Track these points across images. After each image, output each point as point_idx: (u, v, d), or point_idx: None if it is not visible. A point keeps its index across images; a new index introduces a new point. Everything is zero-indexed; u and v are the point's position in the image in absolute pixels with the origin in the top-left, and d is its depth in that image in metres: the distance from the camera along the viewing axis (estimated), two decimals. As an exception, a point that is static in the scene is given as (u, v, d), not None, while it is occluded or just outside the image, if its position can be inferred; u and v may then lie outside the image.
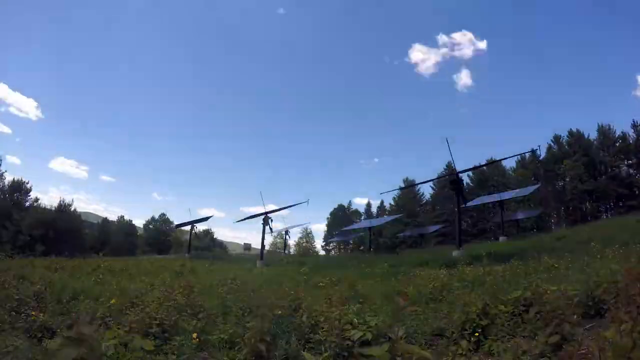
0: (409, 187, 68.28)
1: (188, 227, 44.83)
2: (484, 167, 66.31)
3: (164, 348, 4.87)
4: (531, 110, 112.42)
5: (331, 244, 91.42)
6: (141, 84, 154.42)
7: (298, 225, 56.46)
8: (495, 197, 42.04)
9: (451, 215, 63.04)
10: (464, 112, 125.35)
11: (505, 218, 43.21)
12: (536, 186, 53.87)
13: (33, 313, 5.83)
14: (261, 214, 31.16)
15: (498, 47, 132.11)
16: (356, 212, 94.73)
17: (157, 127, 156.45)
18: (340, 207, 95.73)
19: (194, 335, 5.37)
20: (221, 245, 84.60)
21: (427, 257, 24.68)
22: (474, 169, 24.74)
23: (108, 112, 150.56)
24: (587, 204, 57.37)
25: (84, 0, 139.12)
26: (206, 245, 69.89)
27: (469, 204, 51.11)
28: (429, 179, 33.13)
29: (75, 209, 54.29)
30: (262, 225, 32.30)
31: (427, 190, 76.31)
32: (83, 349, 2.89)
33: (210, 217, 44.76)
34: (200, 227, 58.54)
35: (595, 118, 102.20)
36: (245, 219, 33.72)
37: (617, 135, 56.69)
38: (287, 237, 59.14)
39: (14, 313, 5.92)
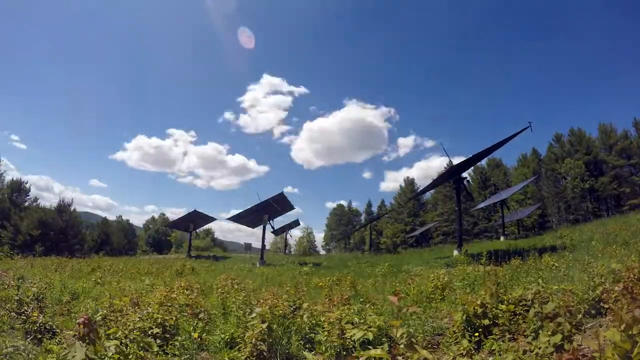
0: (419, 194, 67.83)
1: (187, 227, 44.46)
2: (485, 166, 66.64)
3: (166, 348, 4.86)
4: (532, 109, 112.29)
5: (332, 244, 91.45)
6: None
7: (295, 223, 56.08)
8: (497, 197, 41.99)
9: (453, 214, 63.15)
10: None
11: (508, 218, 43.18)
12: (534, 177, 53.91)
13: (33, 314, 5.81)
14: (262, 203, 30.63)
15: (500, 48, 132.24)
16: (356, 211, 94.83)
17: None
18: (340, 207, 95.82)
19: (196, 335, 5.37)
20: (222, 244, 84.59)
21: (427, 256, 24.71)
22: (470, 161, 24.54)
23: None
24: (589, 203, 57.30)
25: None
26: (206, 245, 69.93)
27: (478, 206, 51.24)
28: (430, 183, 32.53)
29: (74, 209, 54.22)
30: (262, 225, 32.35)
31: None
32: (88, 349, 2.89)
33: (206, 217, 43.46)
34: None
35: (596, 117, 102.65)
36: (239, 214, 33.12)
37: (618, 134, 56.67)
38: (289, 236, 59.19)
39: (13, 314, 5.90)
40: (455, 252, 21.03)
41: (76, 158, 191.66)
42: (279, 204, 31.86)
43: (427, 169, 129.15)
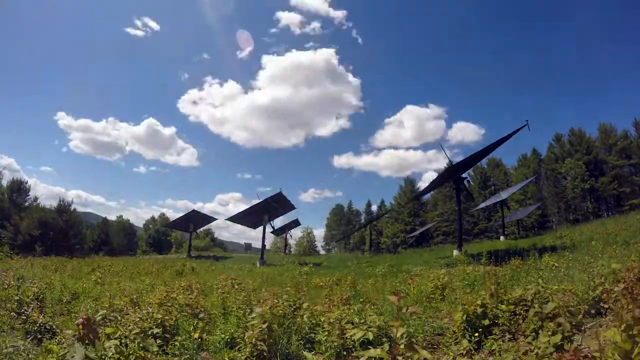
0: (419, 196, 67.65)
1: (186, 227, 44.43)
2: (485, 166, 66.64)
3: (166, 348, 4.86)
4: (531, 109, 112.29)
5: (332, 243, 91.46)
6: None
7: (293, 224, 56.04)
8: (497, 197, 42.04)
9: (453, 214, 63.13)
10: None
11: (508, 218, 43.21)
12: (534, 177, 53.95)
13: (33, 314, 5.81)
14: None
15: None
16: (356, 211, 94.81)
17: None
18: (340, 207, 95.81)
19: (196, 335, 5.37)
20: (222, 244, 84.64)
21: (427, 256, 24.71)
22: (469, 160, 24.51)
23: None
24: (589, 203, 57.29)
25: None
26: (206, 245, 69.97)
27: (479, 206, 51.19)
28: (430, 184, 32.21)
29: (75, 209, 54.27)
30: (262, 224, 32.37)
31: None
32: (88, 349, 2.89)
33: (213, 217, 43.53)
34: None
35: (596, 117, 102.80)
36: (239, 214, 33.03)
37: (618, 134, 56.66)
38: (289, 236, 59.18)
39: (13, 314, 5.90)
40: (455, 252, 21.04)
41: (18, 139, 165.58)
42: (278, 204, 31.85)
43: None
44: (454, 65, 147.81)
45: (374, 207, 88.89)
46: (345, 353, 4.74)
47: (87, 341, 2.94)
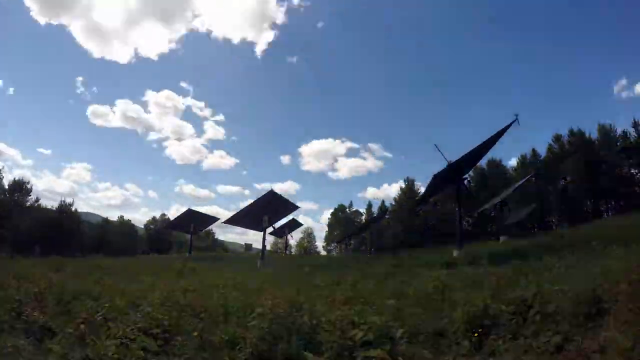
0: (422, 201, 67.37)
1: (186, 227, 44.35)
2: (485, 167, 66.62)
3: (166, 348, 4.86)
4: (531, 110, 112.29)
5: (332, 244, 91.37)
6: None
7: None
8: (497, 198, 42.02)
9: (453, 214, 62.97)
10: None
11: (508, 219, 43.16)
12: (532, 175, 53.92)
13: (34, 314, 5.81)
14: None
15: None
16: (357, 212, 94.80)
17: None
18: (341, 207, 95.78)
19: (195, 334, 5.37)
20: (222, 245, 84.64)
21: (427, 257, 24.68)
22: (466, 159, 24.41)
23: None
24: (589, 203, 57.24)
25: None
26: (207, 246, 70.01)
27: (479, 209, 51.01)
28: (430, 186, 31.73)
29: (75, 209, 54.40)
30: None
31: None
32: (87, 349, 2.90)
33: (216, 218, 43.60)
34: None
35: (596, 117, 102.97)
36: (236, 215, 32.81)
37: (618, 134, 56.64)
38: (290, 236, 59.05)
39: (14, 314, 5.90)
40: (456, 253, 21.03)
41: None
42: (274, 204, 31.66)
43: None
44: (451, 66, 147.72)
45: (375, 209, 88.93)
46: (346, 353, 4.74)
47: (87, 341, 2.94)
